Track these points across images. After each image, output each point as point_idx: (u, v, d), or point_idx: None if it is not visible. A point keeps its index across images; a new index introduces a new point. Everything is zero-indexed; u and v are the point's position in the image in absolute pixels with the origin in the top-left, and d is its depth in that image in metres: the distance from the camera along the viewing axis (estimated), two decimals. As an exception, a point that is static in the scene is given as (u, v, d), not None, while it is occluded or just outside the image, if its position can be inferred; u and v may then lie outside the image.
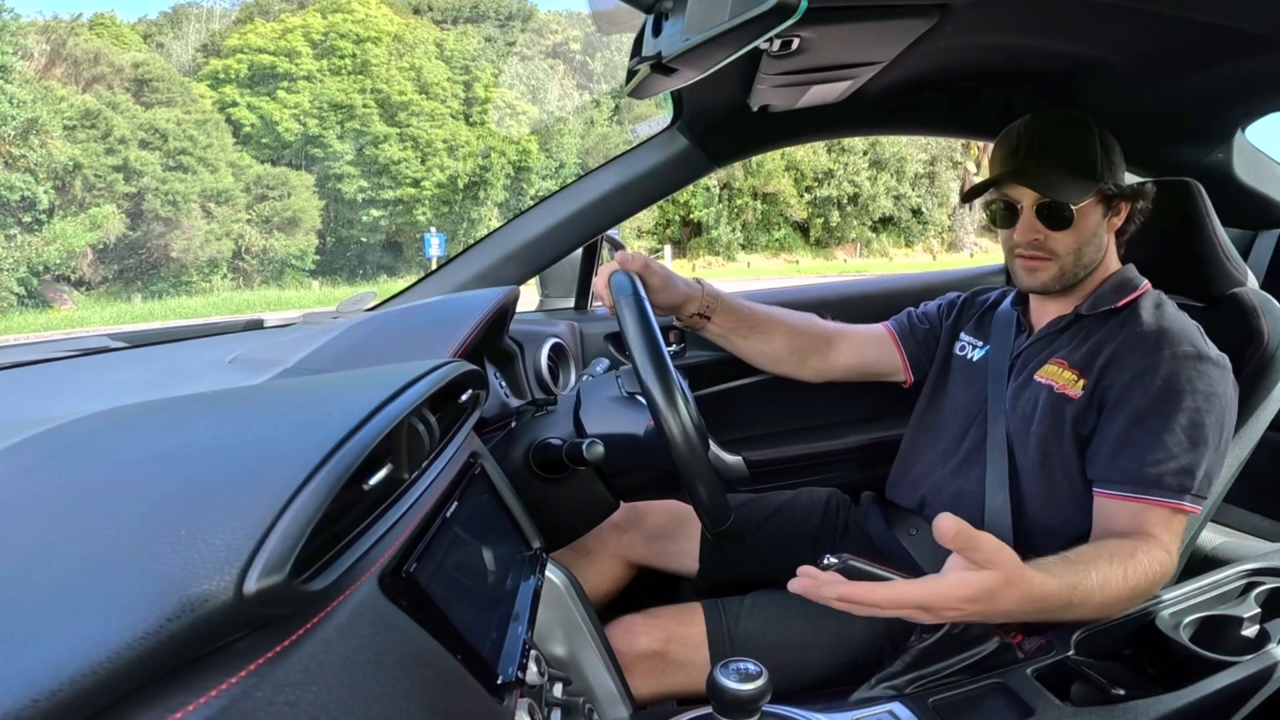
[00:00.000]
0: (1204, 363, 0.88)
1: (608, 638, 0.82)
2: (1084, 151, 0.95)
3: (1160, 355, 0.88)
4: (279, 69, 25.41)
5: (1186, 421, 0.85)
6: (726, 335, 1.13)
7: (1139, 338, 0.91)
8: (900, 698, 0.72)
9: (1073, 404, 0.93)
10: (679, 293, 1.04)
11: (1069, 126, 0.97)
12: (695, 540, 1.14)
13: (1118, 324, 0.95)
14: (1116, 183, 0.97)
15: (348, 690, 0.37)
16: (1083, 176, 0.95)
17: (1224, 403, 0.87)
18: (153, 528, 0.35)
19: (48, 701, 0.27)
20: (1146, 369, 0.88)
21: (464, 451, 0.64)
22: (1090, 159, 0.95)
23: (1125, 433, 0.87)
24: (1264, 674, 0.73)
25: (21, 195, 18.39)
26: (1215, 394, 0.86)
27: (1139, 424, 0.87)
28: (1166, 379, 0.87)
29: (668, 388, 0.75)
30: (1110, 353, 0.92)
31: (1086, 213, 0.96)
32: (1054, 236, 0.96)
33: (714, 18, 0.68)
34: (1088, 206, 0.95)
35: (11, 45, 19.36)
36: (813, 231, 29.22)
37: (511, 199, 26.52)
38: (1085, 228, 0.96)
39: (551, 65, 31.96)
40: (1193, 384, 0.86)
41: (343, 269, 25.71)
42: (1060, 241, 0.96)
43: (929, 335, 1.20)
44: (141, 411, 0.52)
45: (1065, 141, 0.96)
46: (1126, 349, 0.91)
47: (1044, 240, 0.97)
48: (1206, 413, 0.85)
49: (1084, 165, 0.95)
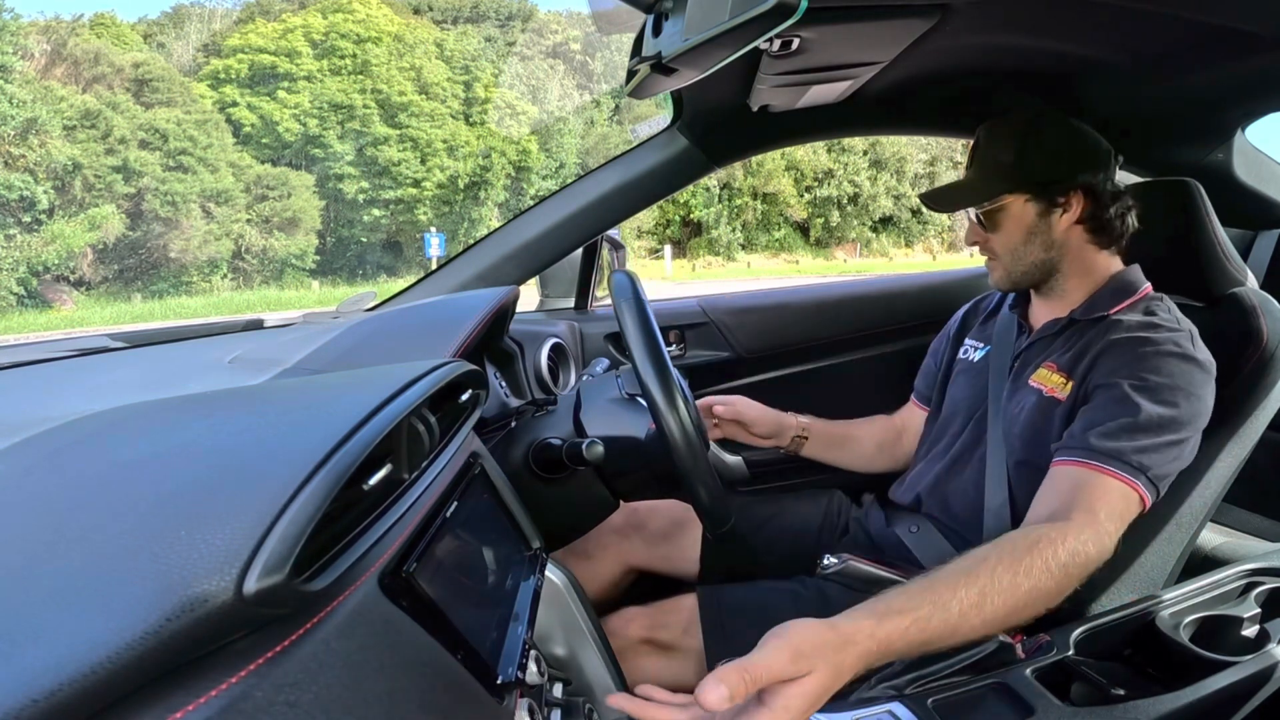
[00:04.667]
0: (1188, 363, 0.87)
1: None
2: (998, 154, 1.00)
3: (1145, 350, 0.88)
4: (279, 69, 25.41)
5: (1159, 413, 0.84)
6: (823, 452, 1.24)
7: (1126, 338, 0.91)
8: (900, 698, 0.72)
9: (1060, 405, 0.93)
10: (776, 424, 1.19)
11: (996, 131, 1.01)
12: (696, 542, 1.14)
13: (1107, 327, 0.95)
14: (1046, 179, 0.97)
15: (348, 690, 0.37)
16: (990, 178, 1.00)
17: (1199, 406, 0.86)
18: (152, 528, 0.35)
19: (48, 701, 0.27)
20: (1129, 361, 0.88)
21: (464, 451, 0.64)
22: (1000, 161, 0.99)
23: (1096, 412, 0.87)
24: (1264, 674, 0.73)
25: (20, 195, 18.37)
26: (1194, 395, 0.86)
27: (1112, 405, 0.86)
28: (1148, 370, 0.86)
29: (668, 388, 0.75)
30: (1095, 353, 0.92)
31: (1011, 214, 0.99)
32: (991, 238, 1.02)
33: (714, 18, 0.67)
34: (1012, 208, 0.99)
35: (11, 45, 19.35)
36: (813, 231, 29.23)
37: (511, 199, 26.52)
38: (1014, 228, 1.00)
39: (551, 65, 31.96)
40: (1173, 379, 0.85)
41: (343, 269, 25.70)
42: (996, 242, 1.02)
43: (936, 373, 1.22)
44: (141, 411, 0.52)
45: (986, 148, 1.02)
46: (1113, 348, 0.91)
47: (985, 242, 1.03)
48: (1181, 410, 0.84)
49: (993, 168, 1.00)
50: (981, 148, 1.02)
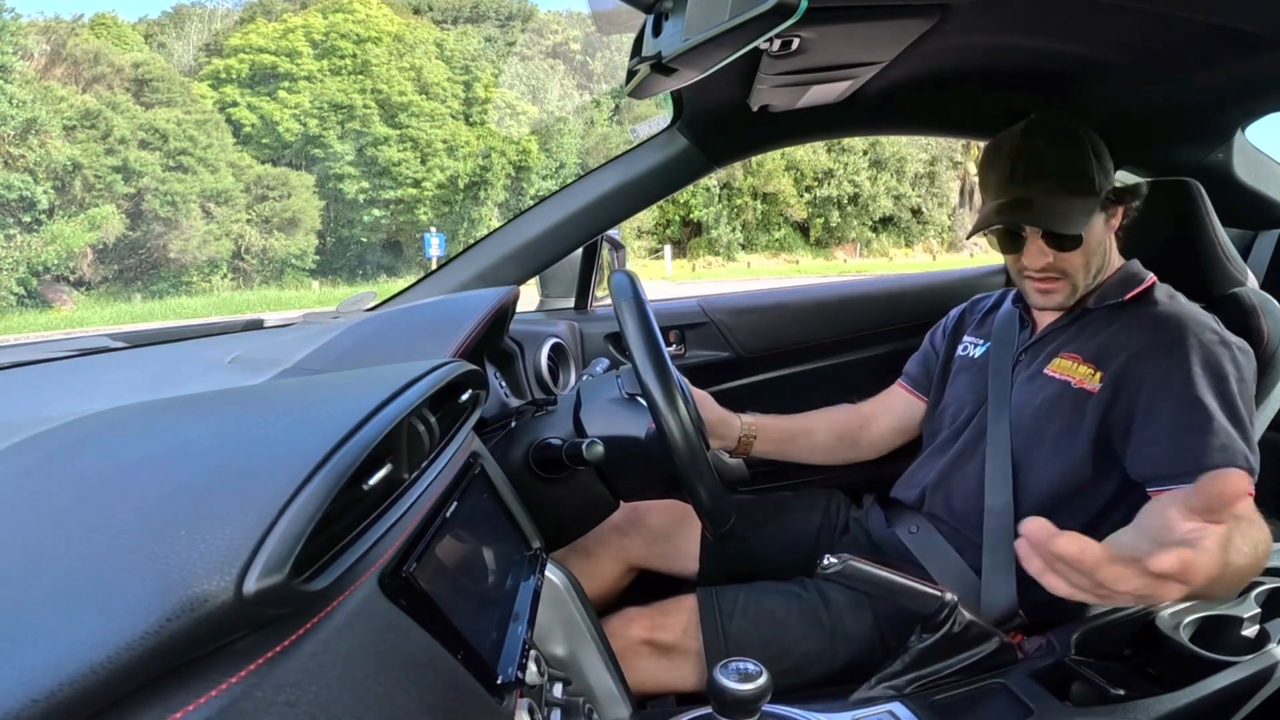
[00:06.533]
0: (1230, 347, 0.88)
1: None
2: (1081, 168, 0.93)
3: (1188, 343, 0.88)
4: (280, 69, 25.40)
5: (1227, 405, 0.85)
6: (777, 449, 1.18)
7: (1161, 329, 0.91)
8: (900, 698, 0.72)
9: (1094, 398, 0.92)
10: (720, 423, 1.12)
11: (1061, 143, 0.95)
12: (696, 541, 1.14)
13: (1132, 316, 0.95)
14: (1112, 188, 0.97)
15: (348, 690, 0.37)
16: (1084, 194, 0.93)
17: (1250, 388, 0.88)
18: (153, 528, 0.35)
19: (48, 701, 0.27)
20: (1179, 359, 0.87)
21: (464, 451, 0.64)
22: (1088, 174, 0.93)
23: (1177, 424, 0.85)
24: (1264, 674, 0.73)
25: (20, 195, 18.36)
26: (1245, 378, 0.87)
27: (1188, 414, 0.85)
28: (1202, 365, 0.86)
29: (668, 388, 0.75)
30: (1131, 346, 0.92)
31: (1092, 228, 0.95)
32: (1064, 258, 0.96)
33: (714, 18, 0.67)
34: (1093, 225, 0.95)
35: (11, 45, 19.35)
36: (813, 231, 29.21)
37: (511, 199, 26.51)
38: (1092, 242, 0.96)
39: (551, 65, 31.95)
40: (1224, 368, 0.87)
41: (343, 269, 25.69)
42: (1071, 261, 0.96)
43: (935, 361, 1.21)
44: (141, 411, 0.52)
45: (1060, 161, 0.94)
46: (1151, 342, 0.90)
47: (1054, 262, 0.96)
48: (1240, 394, 0.86)
49: (1084, 183, 0.93)
50: (1048, 157, 0.94)
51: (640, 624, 0.95)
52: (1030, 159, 0.95)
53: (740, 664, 0.57)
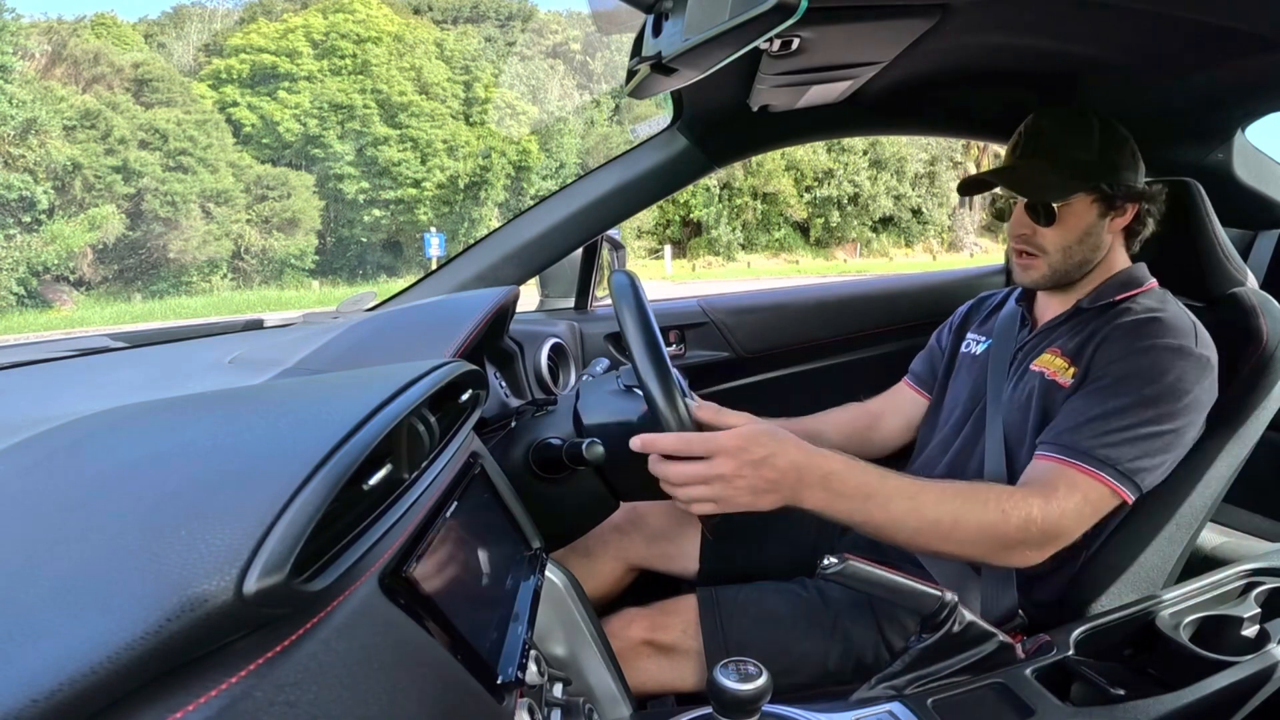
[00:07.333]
0: (1185, 358, 0.87)
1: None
2: (1076, 150, 0.95)
3: (1142, 343, 0.88)
4: (280, 69, 25.40)
5: (1146, 409, 0.84)
6: None
7: (1130, 326, 0.91)
8: (900, 698, 0.72)
9: (1063, 391, 0.93)
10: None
11: (1068, 124, 0.97)
12: (695, 541, 1.14)
13: (1115, 315, 0.95)
14: (1118, 183, 0.96)
15: (347, 690, 0.37)
16: (1069, 175, 0.95)
17: (1191, 402, 0.86)
18: (153, 528, 0.35)
19: (47, 701, 0.27)
20: (1126, 353, 0.88)
21: (464, 452, 0.64)
22: (1079, 159, 0.95)
23: (1082, 407, 0.88)
24: (1264, 674, 0.73)
25: (20, 195, 18.38)
26: (1186, 391, 0.86)
27: (1097, 401, 0.87)
28: (1140, 364, 0.87)
29: (668, 388, 0.75)
30: (1100, 340, 0.93)
31: (1076, 211, 0.96)
32: (1042, 232, 0.98)
33: (714, 18, 0.67)
34: (1077, 205, 0.96)
35: (12, 45, 19.35)
36: (813, 231, 29.22)
37: (511, 199, 26.52)
38: (1074, 226, 0.97)
39: (551, 65, 31.96)
40: (1165, 375, 0.85)
41: (343, 269, 25.69)
42: (1048, 238, 0.98)
43: (940, 359, 1.21)
44: (141, 411, 0.52)
45: (1058, 139, 0.96)
46: (1116, 336, 0.91)
47: (1032, 235, 0.99)
48: (1170, 406, 0.85)
49: (1072, 164, 0.95)
50: (1048, 136, 0.97)
51: (640, 624, 0.95)
52: (1033, 136, 0.99)
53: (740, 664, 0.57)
